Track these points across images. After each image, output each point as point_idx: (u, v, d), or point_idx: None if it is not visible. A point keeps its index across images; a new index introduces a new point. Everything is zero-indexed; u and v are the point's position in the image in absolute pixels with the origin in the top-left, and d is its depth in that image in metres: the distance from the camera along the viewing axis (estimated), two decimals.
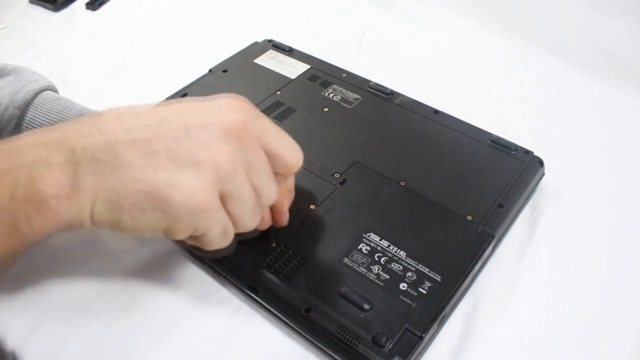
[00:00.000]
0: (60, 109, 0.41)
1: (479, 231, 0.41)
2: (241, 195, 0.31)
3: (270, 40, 0.64)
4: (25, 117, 0.40)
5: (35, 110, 0.41)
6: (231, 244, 0.34)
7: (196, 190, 0.28)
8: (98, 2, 0.78)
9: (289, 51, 0.62)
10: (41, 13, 0.78)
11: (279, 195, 0.35)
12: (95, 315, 0.40)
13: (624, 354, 0.37)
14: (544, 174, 0.48)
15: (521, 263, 0.43)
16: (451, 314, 0.39)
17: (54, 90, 0.44)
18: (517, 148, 0.48)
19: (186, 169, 0.28)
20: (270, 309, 0.39)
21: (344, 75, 0.58)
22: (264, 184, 0.32)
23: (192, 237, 0.32)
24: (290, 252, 0.40)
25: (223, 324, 0.40)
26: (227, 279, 0.41)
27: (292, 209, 0.42)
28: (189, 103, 0.31)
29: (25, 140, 0.27)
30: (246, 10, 0.77)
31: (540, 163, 0.47)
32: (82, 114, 0.41)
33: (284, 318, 0.38)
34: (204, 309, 0.41)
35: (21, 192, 0.25)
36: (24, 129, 0.40)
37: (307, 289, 0.38)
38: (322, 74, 0.58)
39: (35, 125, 0.40)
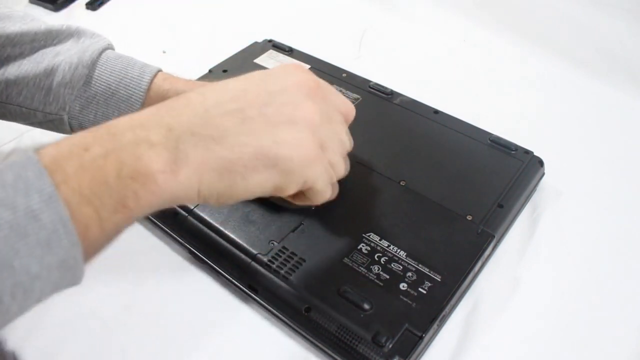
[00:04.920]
0: (124, 65, 0.45)
1: (479, 231, 0.41)
2: (333, 141, 0.34)
3: (270, 40, 0.64)
4: (94, 75, 0.45)
5: (102, 68, 0.45)
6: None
7: (301, 142, 0.32)
8: (98, 2, 0.78)
9: (289, 51, 0.62)
10: (41, 13, 0.78)
11: None
12: (95, 316, 0.40)
13: (624, 354, 0.37)
14: (544, 174, 0.48)
15: (521, 263, 0.43)
16: (451, 314, 0.39)
17: (113, 48, 0.48)
18: (517, 148, 0.48)
19: (284, 127, 0.31)
20: (270, 309, 0.39)
21: (344, 75, 0.58)
22: (343, 131, 0.36)
23: (301, 196, 0.35)
24: (290, 252, 0.40)
25: (223, 324, 0.40)
26: (228, 279, 0.41)
27: (292, 209, 0.42)
28: (257, 73, 0.34)
29: (121, 124, 0.28)
30: (246, 10, 0.77)
31: (540, 163, 0.47)
32: (143, 70, 0.45)
33: (284, 318, 0.38)
34: (204, 309, 0.41)
35: (127, 170, 0.27)
36: (92, 85, 0.45)
37: (307, 288, 0.38)
38: (322, 74, 0.58)
39: (102, 82, 0.45)
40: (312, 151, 0.32)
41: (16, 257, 0.24)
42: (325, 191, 0.35)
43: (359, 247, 0.40)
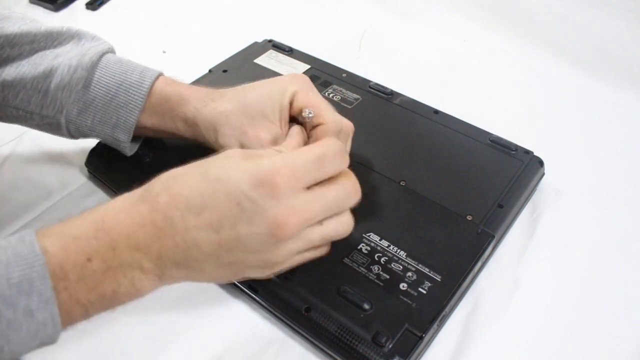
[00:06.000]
0: (124, 70, 0.45)
1: (479, 231, 0.41)
2: (309, 243, 0.34)
3: (270, 40, 0.64)
4: (93, 78, 0.44)
5: (101, 71, 0.44)
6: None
7: (271, 272, 0.34)
8: (98, 2, 0.78)
9: (289, 51, 0.62)
10: (41, 13, 0.78)
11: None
12: (96, 316, 0.40)
13: (624, 354, 0.37)
14: (544, 174, 0.48)
15: (521, 263, 0.43)
16: (451, 314, 0.39)
17: (114, 52, 0.48)
18: (517, 148, 0.48)
19: (253, 266, 0.34)
20: (270, 309, 0.39)
21: (344, 75, 0.58)
22: (320, 235, 0.34)
23: None
24: None
25: (223, 324, 0.40)
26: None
27: None
28: (232, 203, 0.31)
29: (121, 237, 0.31)
30: (246, 10, 0.77)
31: (540, 163, 0.47)
32: (143, 75, 0.44)
33: (284, 318, 0.38)
34: (203, 310, 0.41)
35: (122, 290, 0.32)
36: (91, 89, 0.44)
37: (307, 288, 0.38)
38: (322, 74, 0.58)
39: (102, 86, 0.44)
40: (279, 267, 0.34)
41: (7, 344, 0.28)
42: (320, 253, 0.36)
43: (359, 247, 0.40)
